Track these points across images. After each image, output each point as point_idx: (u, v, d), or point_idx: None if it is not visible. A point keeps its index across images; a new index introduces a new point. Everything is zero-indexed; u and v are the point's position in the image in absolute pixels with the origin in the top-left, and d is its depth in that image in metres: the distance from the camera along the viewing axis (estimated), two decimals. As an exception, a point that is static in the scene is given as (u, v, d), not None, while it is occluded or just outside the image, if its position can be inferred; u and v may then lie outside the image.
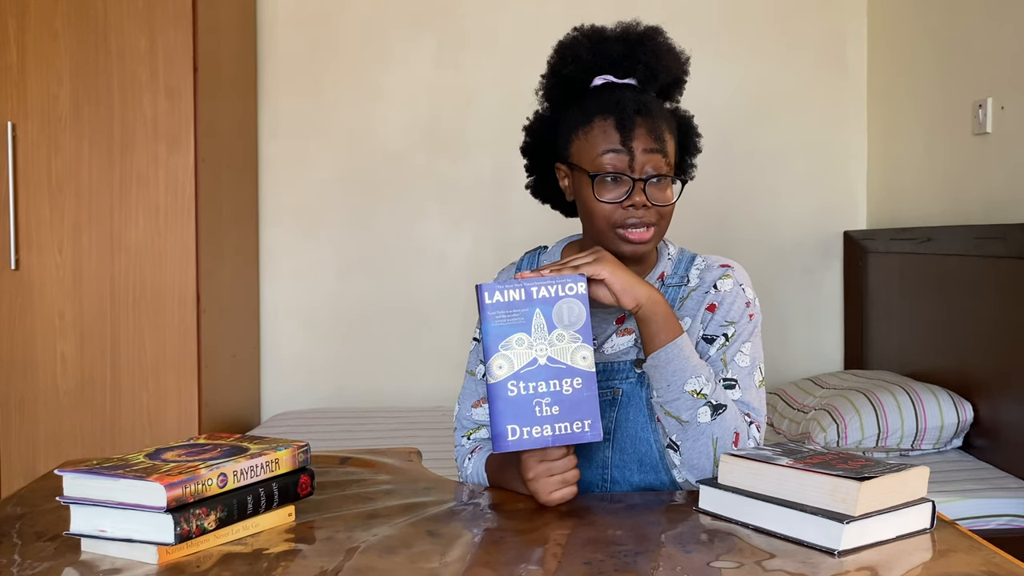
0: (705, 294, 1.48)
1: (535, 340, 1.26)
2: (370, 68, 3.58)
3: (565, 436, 1.26)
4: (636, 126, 1.39)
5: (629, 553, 1.12)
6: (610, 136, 1.40)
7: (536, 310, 1.27)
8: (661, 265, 1.52)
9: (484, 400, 1.55)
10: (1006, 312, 2.55)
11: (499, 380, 1.25)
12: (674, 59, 1.48)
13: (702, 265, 1.51)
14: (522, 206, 3.69)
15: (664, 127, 1.42)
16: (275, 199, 3.56)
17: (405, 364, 3.59)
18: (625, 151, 1.39)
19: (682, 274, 1.51)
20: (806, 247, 3.67)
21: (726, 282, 1.48)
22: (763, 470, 1.20)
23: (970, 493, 2.38)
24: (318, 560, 1.10)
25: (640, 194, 1.39)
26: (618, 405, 1.45)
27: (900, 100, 3.44)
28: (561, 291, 1.27)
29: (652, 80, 1.46)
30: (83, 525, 1.13)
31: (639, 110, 1.40)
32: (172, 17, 2.80)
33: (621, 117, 1.39)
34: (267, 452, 1.21)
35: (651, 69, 1.45)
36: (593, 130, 1.41)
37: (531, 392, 1.25)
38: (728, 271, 1.50)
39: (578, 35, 1.49)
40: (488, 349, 1.26)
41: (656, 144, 1.40)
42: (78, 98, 2.80)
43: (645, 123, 1.39)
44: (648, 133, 1.39)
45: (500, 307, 1.27)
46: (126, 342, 2.82)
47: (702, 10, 3.59)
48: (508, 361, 1.26)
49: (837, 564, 1.07)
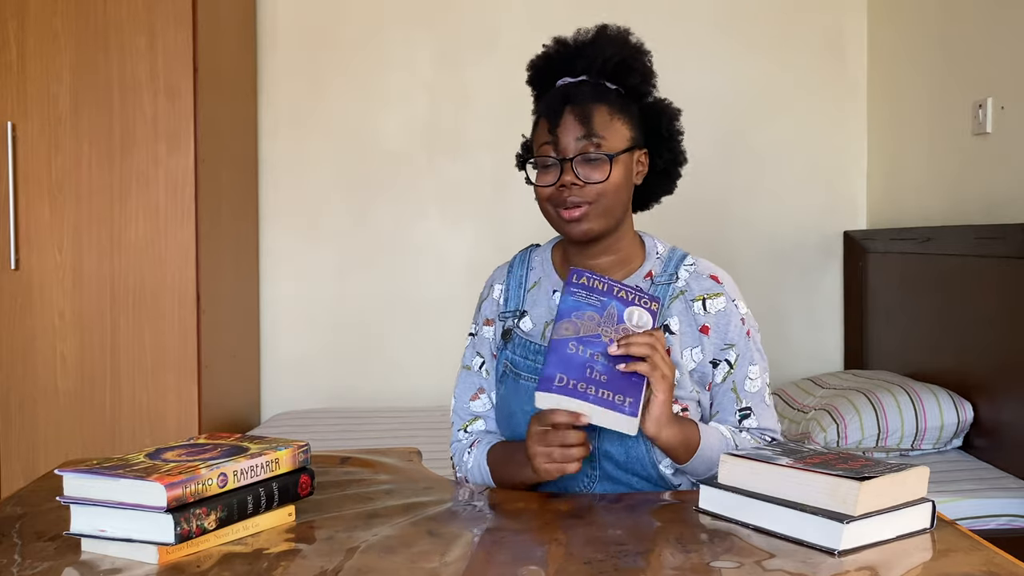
0: (692, 303, 1.50)
1: (604, 322, 1.34)
2: (370, 68, 3.58)
3: (606, 402, 1.29)
4: (563, 114, 1.46)
5: (629, 553, 1.12)
6: (543, 128, 1.49)
7: (613, 303, 1.36)
8: (649, 263, 1.54)
9: (482, 391, 1.57)
10: (1006, 312, 2.55)
11: (562, 338, 1.32)
12: (615, 46, 1.51)
13: (691, 268, 1.53)
14: (521, 206, 3.70)
15: (602, 110, 1.46)
16: (275, 199, 3.56)
17: (405, 364, 3.59)
18: (553, 137, 1.46)
19: (671, 272, 1.52)
20: (806, 247, 3.67)
21: (717, 301, 1.50)
22: (763, 470, 1.20)
23: (970, 493, 2.38)
24: (318, 560, 1.10)
25: (570, 173, 1.45)
26: None
27: (900, 100, 3.44)
28: (639, 300, 1.38)
29: (594, 70, 1.50)
30: (83, 525, 1.13)
31: (568, 99, 1.47)
32: (172, 17, 2.79)
33: (550, 109, 1.48)
34: (267, 452, 1.21)
35: (590, 59, 1.50)
36: (537, 127, 1.51)
37: (588, 357, 1.31)
38: (719, 287, 1.52)
39: (545, 50, 1.57)
40: (561, 314, 1.34)
41: (583, 127, 1.45)
42: (78, 98, 2.80)
43: (574, 110, 1.46)
44: (576, 118, 1.45)
45: (582, 288, 1.36)
46: (126, 342, 2.82)
47: (702, 10, 3.59)
48: (575, 326, 1.33)
49: (837, 564, 1.07)
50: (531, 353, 1.50)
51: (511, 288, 1.58)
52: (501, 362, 1.54)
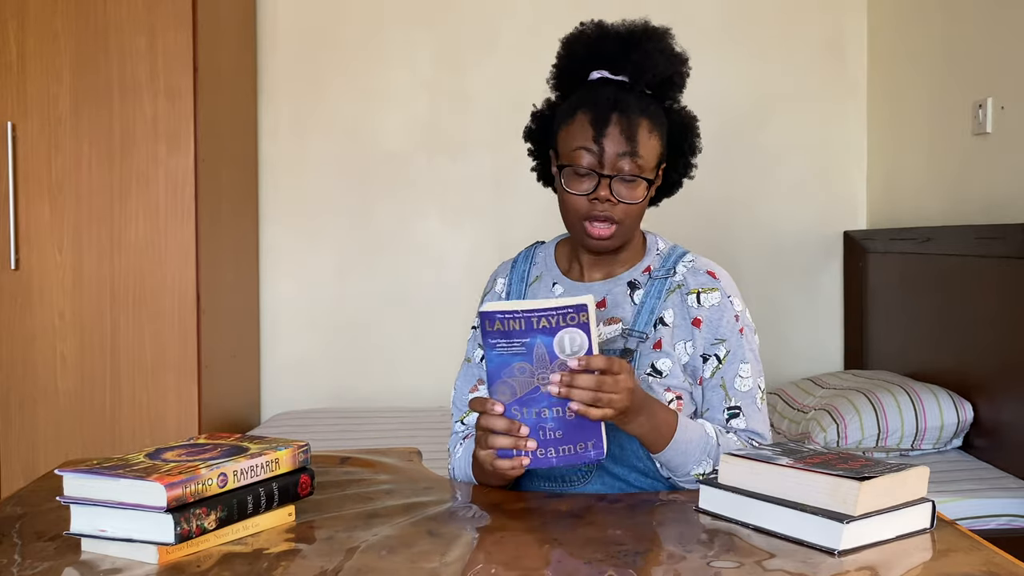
0: (687, 295, 1.50)
1: (537, 369, 1.26)
2: (370, 68, 3.58)
3: (570, 457, 1.28)
4: (610, 124, 1.42)
5: (629, 553, 1.12)
6: (585, 131, 1.44)
7: (538, 339, 1.25)
8: (648, 259, 1.55)
9: (481, 382, 1.57)
10: (1006, 312, 2.55)
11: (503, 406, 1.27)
12: (665, 59, 1.49)
13: (690, 264, 1.53)
14: (522, 205, 3.71)
15: (644, 125, 1.44)
16: (275, 199, 3.56)
17: (405, 364, 3.59)
18: (596, 147, 1.43)
19: (669, 267, 1.53)
20: (806, 247, 3.67)
21: (711, 296, 1.50)
22: (763, 470, 1.20)
23: (970, 493, 2.38)
24: (318, 560, 1.10)
25: (605, 189, 1.43)
26: None
27: (900, 100, 3.44)
28: (562, 321, 1.24)
29: (640, 79, 1.48)
30: (83, 525, 1.13)
31: (616, 107, 1.43)
32: (172, 17, 2.79)
33: (597, 113, 1.43)
34: (267, 452, 1.21)
35: (640, 67, 1.47)
36: (574, 123, 1.46)
37: (535, 418, 1.27)
38: (715, 282, 1.51)
39: (583, 30, 1.53)
40: (491, 376, 1.27)
41: (628, 144, 1.42)
42: (78, 98, 2.80)
43: (621, 121, 1.42)
44: (622, 132, 1.42)
45: (500, 336, 1.25)
46: (126, 342, 2.82)
47: (702, 10, 3.59)
48: (510, 388, 1.27)
49: (837, 564, 1.07)
50: None
51: (513, 283, 1.59)
52: None
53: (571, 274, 1.57)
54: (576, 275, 1.56)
